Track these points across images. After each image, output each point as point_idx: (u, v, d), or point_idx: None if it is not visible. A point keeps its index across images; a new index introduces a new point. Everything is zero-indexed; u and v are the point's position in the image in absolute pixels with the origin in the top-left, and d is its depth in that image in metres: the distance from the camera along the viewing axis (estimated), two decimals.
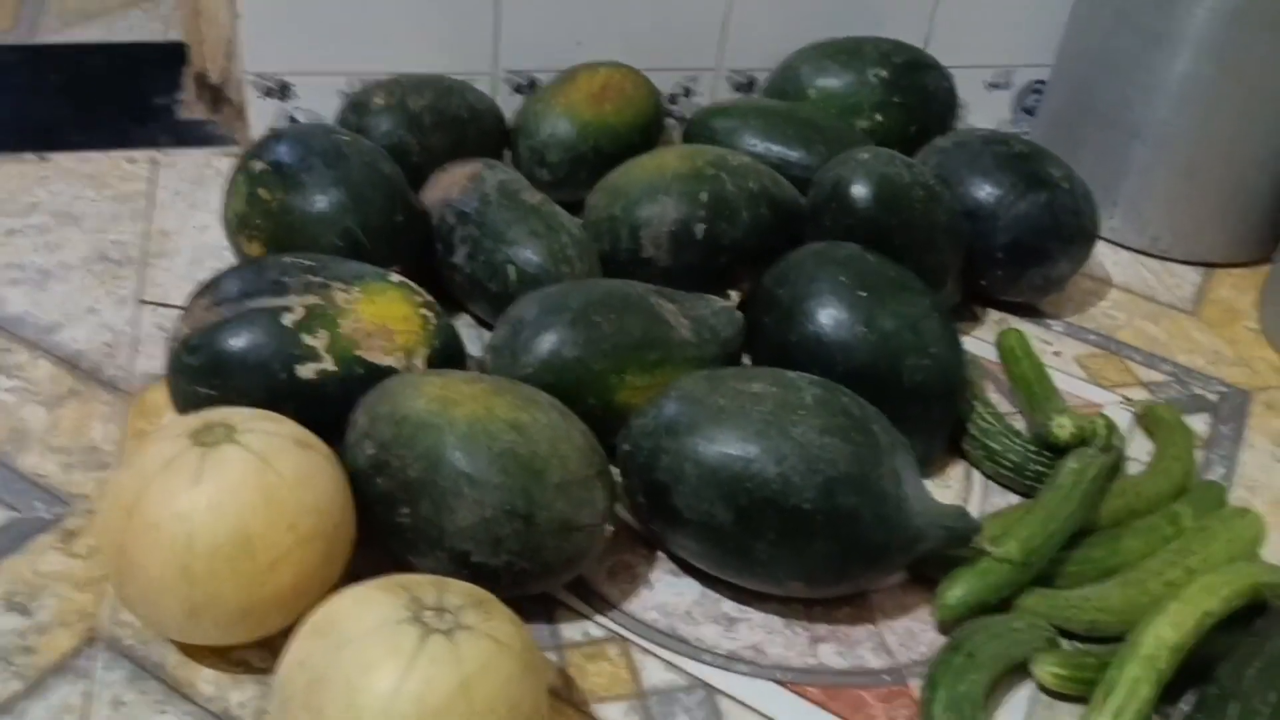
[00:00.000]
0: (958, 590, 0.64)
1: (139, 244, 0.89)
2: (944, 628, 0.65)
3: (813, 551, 0.61)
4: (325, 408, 0.65)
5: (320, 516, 0.56)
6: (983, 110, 1.16)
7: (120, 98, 1.08)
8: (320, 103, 0.98)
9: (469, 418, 0.59)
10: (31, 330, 0.79)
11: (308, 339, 0.65)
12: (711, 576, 0.66)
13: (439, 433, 0.59)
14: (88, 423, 0.73)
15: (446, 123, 0.89)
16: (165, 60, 1.14)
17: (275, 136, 0.79)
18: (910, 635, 0.65)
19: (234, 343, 0.64)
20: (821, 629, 0.65)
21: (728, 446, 0.61)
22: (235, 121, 1.03)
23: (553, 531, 0.59)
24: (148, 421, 0.73)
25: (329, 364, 0.65)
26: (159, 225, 0.91)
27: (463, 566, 0.59)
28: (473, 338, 0.83)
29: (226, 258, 0.86)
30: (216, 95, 1.05)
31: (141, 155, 1.00)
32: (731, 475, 0.60)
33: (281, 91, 0.97)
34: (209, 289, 0.68)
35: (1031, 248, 0.87)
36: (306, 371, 0.65)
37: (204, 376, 0.65)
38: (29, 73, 1.11)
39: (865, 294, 0.72)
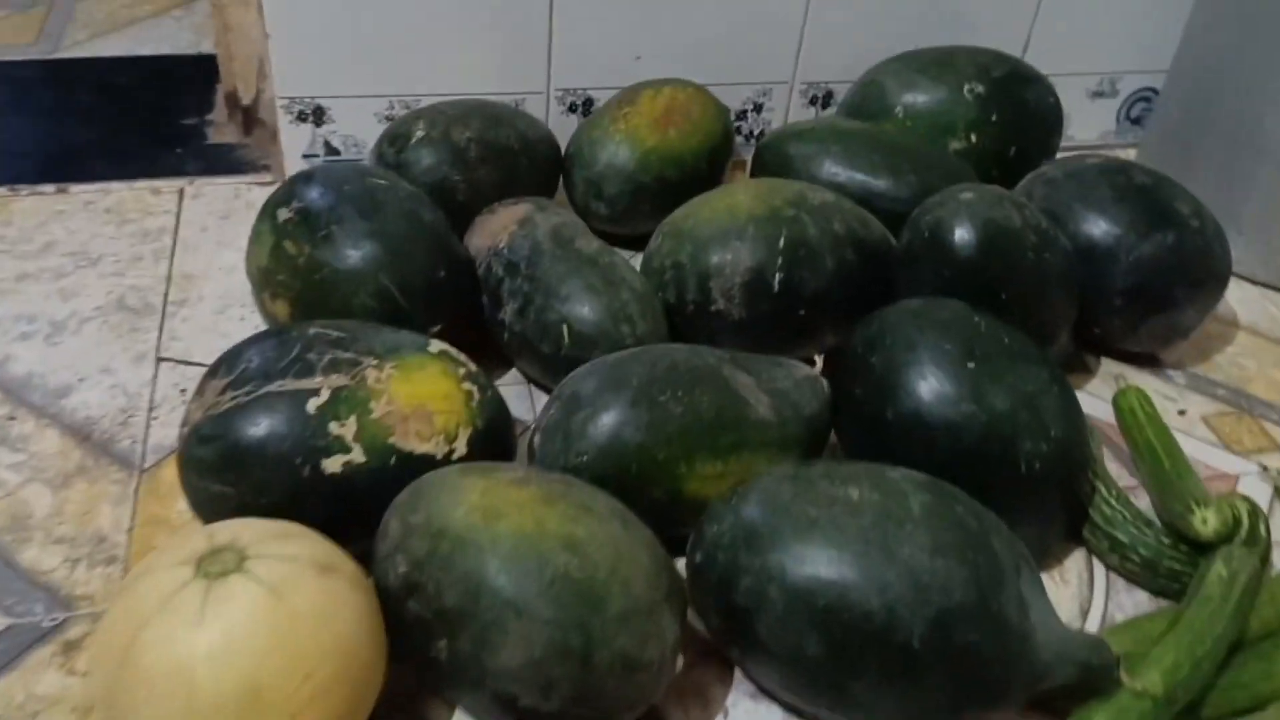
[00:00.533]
0: None
1: (160, 288, 0.81)
2: None
3: (920, 693, 0.52)
4: (354, 504, 0.57)
5: (343, 659, 0.48)
6: (1084, 120, 1.05)
7: (148, 119, 1.01)
8: (358, 126, 0.90)
9: (515, 533, 0.51)
10: (39, 394, 0.72)
11: (334, 427, 0.57)
12: None
13: (480, 553, 0.50)
14: (96, 506, 0.65)
15: (495, 155, 0.80)
16: (196, 75, 1.07)
17: (304, 179, 0.71)
18: None
19: (251, 432, 0.57)
20: None
21: (820, 569, 0.52)
22: (269, 146, 0.95)
23: (614, 673, 0.50)
24: (161, 505, 0.66)
25: (358, 455, 0.57)
26: (182, 268, 0.83)
27: (508, 712, 0.51)
28: (521, 395, 0.75)
29: (252, 305, 0.78)
30: (249, 117, 0.98)
31: (168, 186, 0.92)
32: (825, 605, 0.51)
33: (316, 116, 0.89)
34: (223, 365, 0.60)
35: (1155, 294, 0.77)
36: (333, 465, 0.57)
37: (217, 471, 0.57)
38: (52, 92, 1.04)
39: (974, 365, 0.62)
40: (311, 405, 0.57)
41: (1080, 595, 0.65)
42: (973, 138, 0.88)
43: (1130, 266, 0.76)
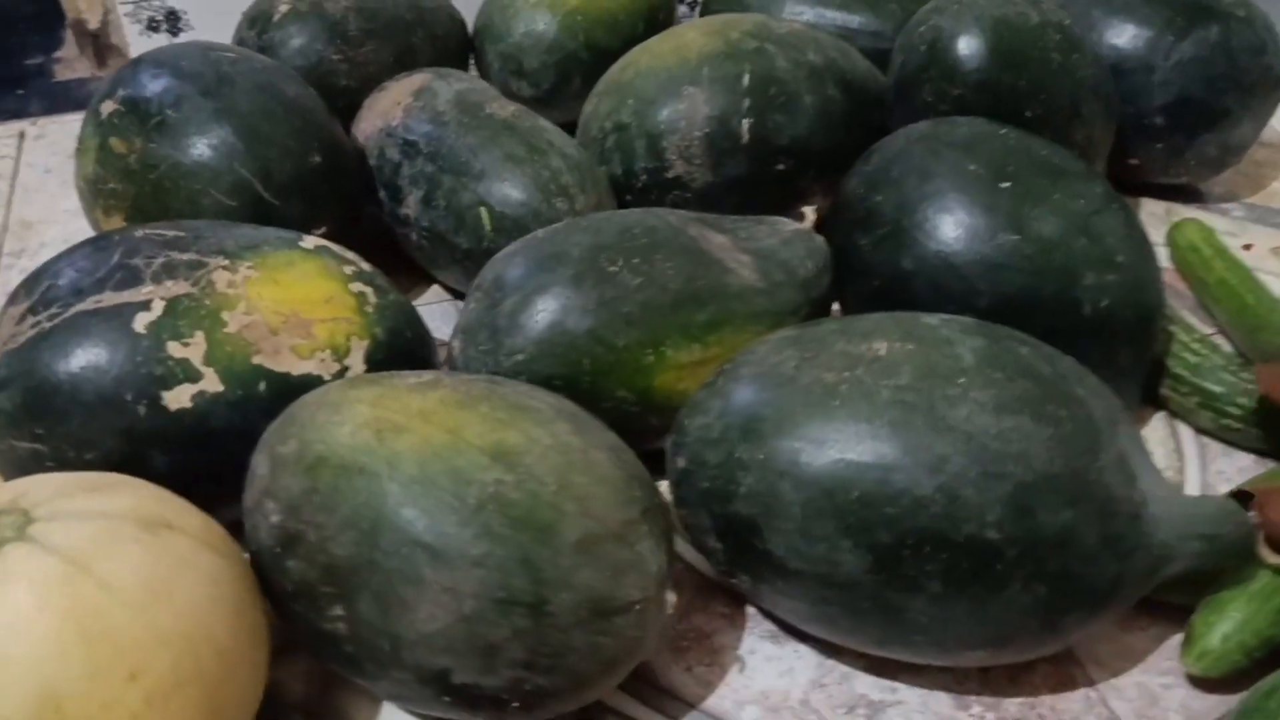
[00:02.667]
0: (1225, 626, 0.41)
1: None
2: (1206, 682, 0.42)
3: (1002, 602, 0.37)
4: (215, 451, 0.43)
5: (188, 647, 0.33)
6: None
7: None
8: (221, 31, 0.74)
9: (422, 450, 0.36)
10: None
11: (175, 348, 0.42)
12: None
13: (375, 480, 0.36)
14: None
15: (381, 29, 0.65)
16: (41, 15, 0.91)
17: (131, 65, 0.56)
18: (1150, 699, 0.42)
19: (60, 366, 0.42)
20: (1012, 706, 0.42)
21: (849, 450, 0.38)
22: None
23: (580, 621, 0.35)
24: None
25: (212, 383, 0.42)
26: (21, 214, 0.68)
27: (443, 692, 0.36)
28: (446, 314, 0.60)
29: None
30: (99, 45, 0.82)
31: (5, 129, 0.77)
32: (861, 497, 0.37)
33: (170, 22, 0.74)
34: (22, 290, 0.45)
35: (1203, 105, 0.62)
36: (178, 398, 0.42)
37: (21, 423, 0.42)
38: None
39: (1009, 186, 0.48)
40: (140, 322, 0.42)
41: (1170, 465, 0.51)
42: None
43: (1170, 74, 0.62)
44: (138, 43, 0.74)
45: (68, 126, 0.77)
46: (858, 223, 0.51)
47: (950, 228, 0.48)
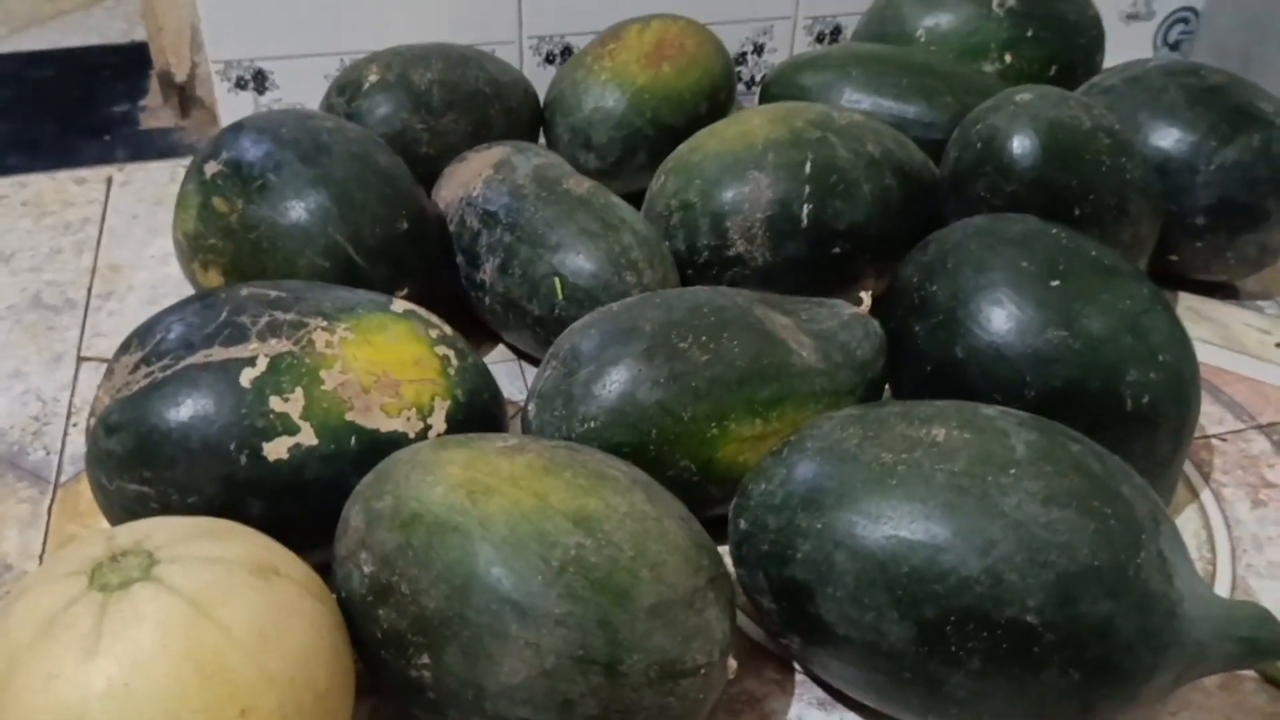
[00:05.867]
0: None
1: (83, 282, 0.69)
2: None
3: (1039, 685, 0.40)
4: (307, 500, 0.46)
5: (291, 688, 0.36)
6: (1117, 49, 0.94)
7: (72, 109, 0.89)
8: (305, 92, 0.79)
9: (511, 513, 0.39)
10: None
11: (276, 402, 0.45)
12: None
13: (466, 540, 0.39)
14: (1, 529, 0.53)
15: (462, 100, 0.69)
16: (127, 63, 0.96)
17: (234, 129, 0.59)
18: None
19: (170, 415, 0.45)
20: None
21: (902, 528, 0.40)
22: (207, 126, 0.84)
23: (650, 682, 0.38)
24: (81, 524, 0.54)
25: (307, 436, 0.45)
26: (109, 259, 0.72)
27: None
28: (511, 373, 0.63)
29: (190, 290, 0.67)
30: (185, 97, 0.86)
31: (94, 175, 0.81)
32: (911, 572, 0.40)
33: (257, 82, 0.78)
34: (135, 339, 0.48)
35: (1244, 207, 0.65)
36: (276, 450, 0.45)
37: (130, 467, 0.45)
38: None
39: (1059, 284, 0.51)
40: (245, 377, 0.45)
41: (1201, 558, 0.53)
42: (1007, 58, 0.77)
43: (1213, 177, 0.65)
44: (225, 99, 0.78)
45: (153, 174, 0.81)
46: (913, 310, 0.54)
47: (1002, 320, 0.51)
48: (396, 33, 0.77)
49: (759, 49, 0.86)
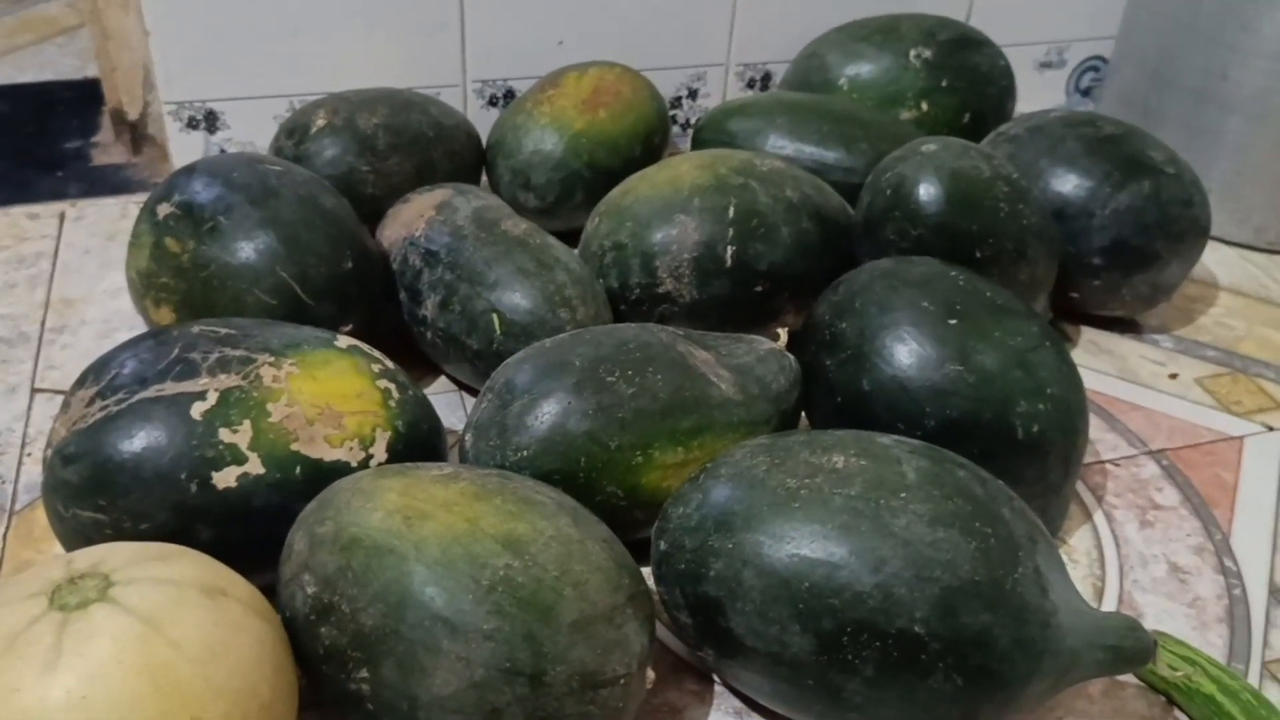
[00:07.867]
0: None
1: (36, 316, 0.72)
2: None
3: (927, 691, 0.44)
4: (254, 526, 0.49)
5: (238, 701, 0.39)
6: (1033, 94, 1.00)
7: (23, 145, 0.91)
8: (255, 131, 0.82)
9: (444, 536, 0.42)
10: None
11: (225, 434, 0.48)
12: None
13: (402, 562, 0.42)
14: None
15: (406, 144, 0.72)
16: (80, 99, 0.98)
17: (186, 171, 0.62)
18: None
19: (124, 446, 0.48)
20: None
21: (803, 547, 0.44)
22: (159, 164, 0.87)
23: (572, 692, 0.41)
24: (36, 550, 0.56)
25: (255, 465, 0.49)
26: (62, 293, 0.74)
27: None
28: (452, 403, 0.67)
29: (143, 326, 0.69)
30: (137, 134, 0.89)
31: (46, 210, 0.83)
32: (810, 588, 0.44)
33: (208, 122, 0.81)
34: (90, 374, 0.51)
35: (1136, 249, 0.70)
36: (225, 479, 0.48)
37: (86, 495, 0.48)
38: None
39: (956, 322, 0.55)
40: (196, 410, 0.48)
41: (1091, 574, 0.58)
42: (924, 105, 0.83)
43: (1107, 220, 0.70)
44: (177, 138, 0.81)
45: (105, 209, 0.84)
46: (824, 345, 0.58)
47: (904, 356, 0.55)
48: (345, 76, 0.80)
49: (694, 94, 0.90)
